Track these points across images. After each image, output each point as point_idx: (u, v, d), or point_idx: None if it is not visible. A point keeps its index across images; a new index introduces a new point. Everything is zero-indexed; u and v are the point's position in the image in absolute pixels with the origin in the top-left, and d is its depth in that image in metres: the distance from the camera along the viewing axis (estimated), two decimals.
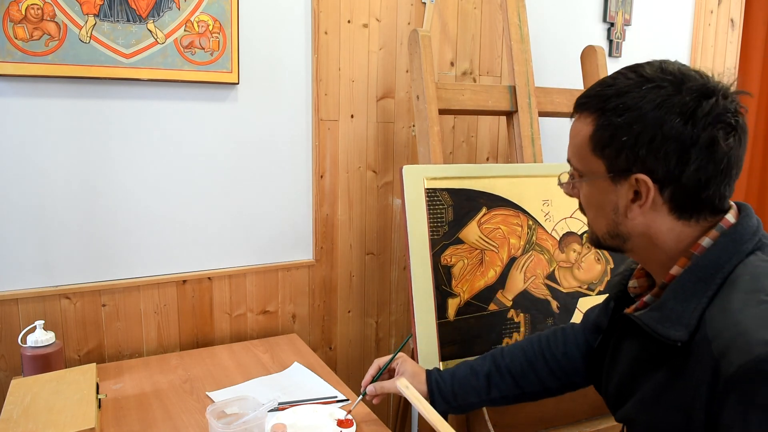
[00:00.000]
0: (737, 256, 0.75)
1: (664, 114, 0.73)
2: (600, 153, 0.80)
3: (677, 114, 0.73)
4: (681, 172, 0.74)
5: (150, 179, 1.47)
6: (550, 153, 2.01)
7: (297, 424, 1.15)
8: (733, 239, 0.76)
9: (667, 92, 0.74)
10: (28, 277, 1.37)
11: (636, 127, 0.75)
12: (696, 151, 0.73)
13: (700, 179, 0.74)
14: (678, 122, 0.72)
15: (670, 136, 0.73)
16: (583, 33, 2.09)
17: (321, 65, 1.63)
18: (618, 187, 0.79)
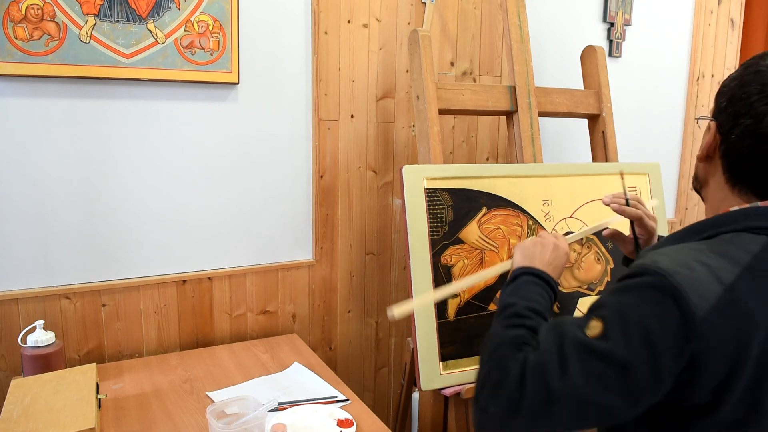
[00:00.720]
0: (735, 225, 0.79)
1: (752, 80, 0.78)
2: (716, 98, 0.86)
3: (759, 84, 0.78)
4: (731, 132, 0.79)
5: (150, 179, 1.47)
6: (550, 153, 2.01)
7: (297, 424, 1.16)
8: (746, 213, 0.79)
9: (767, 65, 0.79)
10: (28, 277, 1.37)
11: (734, 82, 0.81)
12: (747, 118, 0.77)
13: (741, 147, 0.79)
14: (753, 90, 0.78)
15: (740, 99, 0.79)
16: (583, 33, 2.09)
17: (321, 65, 1.63)
18: (710, 132, 0.85)
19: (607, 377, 0.70)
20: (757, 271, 0.73)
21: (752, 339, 0.70)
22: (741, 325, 0.70)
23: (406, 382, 1.64)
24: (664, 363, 0.69)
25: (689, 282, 0.70)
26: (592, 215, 1.53)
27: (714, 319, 0.69)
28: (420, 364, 1.29)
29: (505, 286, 0.98)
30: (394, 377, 1.92)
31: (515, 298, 0.92)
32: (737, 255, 0.74)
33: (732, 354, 0.69)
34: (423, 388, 1.31)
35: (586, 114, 1.77)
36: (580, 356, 0.72)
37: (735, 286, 0.71)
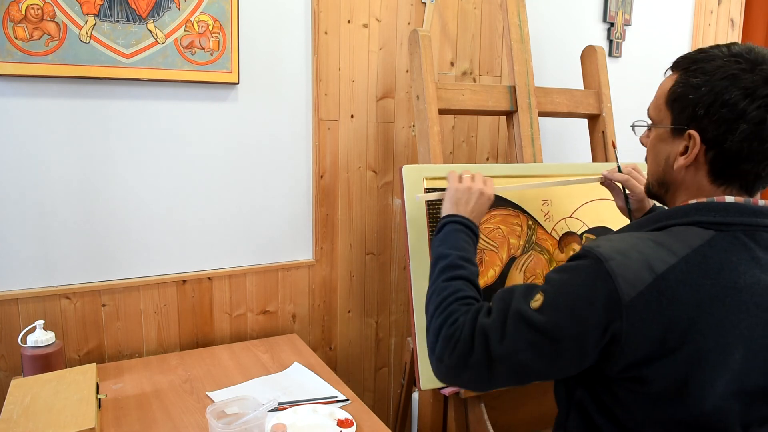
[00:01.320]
0: (683, 219, 0.84)
1: (730, 85, 0.80)
2: (670, 105, 0.88)
3: (740, 88, 0.80)
4: (725, 138, 0.81)
5: (150, 179, 1.47)
6: (550, 153, 2.01)
7: (297, 424, 1.16)
8: (697, 207, 0.84)
9: (740, 67, 0.80)
10: (28, 277, 1.37)
11: (704, 89, 0.82)
12: (744, 123, 0.79)
13: (741, 151, 0.81)
14: (738, 95, 0.79)
15: (726, 105, 0.80)
16: (583, 33, 2.09)
17: (321, 65, 1.63)
18: (674, 139, 0.87)
19: (539, 346, 0.80)
20: (693, 262, 0.78)
21: (676, 325, 0.76)
22: (666, 311, 0.76)
23: (406, 382, 1.64)
24: (588, 338, 0.78)
25: (621, 268, 0.77)
26: (592, 215, 1.53)
27: (638, 304, 0.76)
28: (420, 364, 1.29)
29: (435, 234, 1.10)
30: (394, 377, 1.92)
31: (447, 248, 1.03)
32: (677, 247, 0.80)
33: (654, 336, 0.76)
34: (423, 388, 1.31)
35: (586, 114, 1.77)
36: (518, 326, 0.82)
37: (666, 276, 0.77)
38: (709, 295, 0.77)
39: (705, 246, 0.79)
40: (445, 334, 0.89)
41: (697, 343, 0.76)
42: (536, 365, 0.82)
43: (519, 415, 1.48)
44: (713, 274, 0.78)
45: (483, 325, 0.85)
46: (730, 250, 0.80)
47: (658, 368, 0.77)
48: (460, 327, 0.88)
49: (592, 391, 0.86)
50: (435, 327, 0.92)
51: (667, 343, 0.76)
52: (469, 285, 0.98)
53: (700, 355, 0.76)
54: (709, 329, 0.76)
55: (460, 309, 0.91)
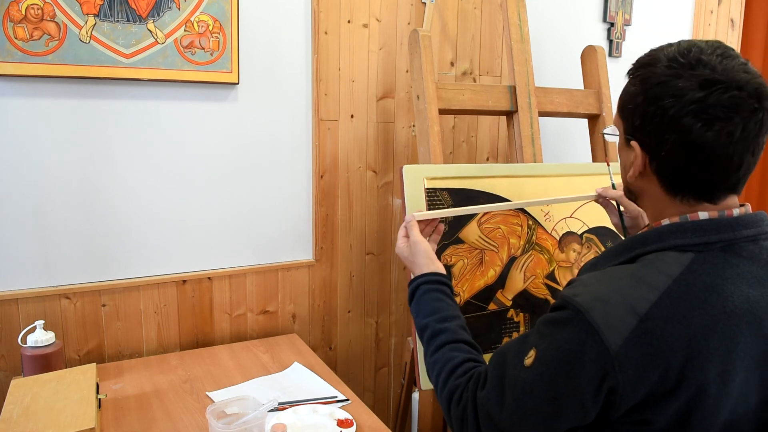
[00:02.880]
0: (659, 244, 0.79)
1: (661, 92, 0.76)
2: (621, 114, 0.85)
3: (670, 96, 0.75)
4: (660, 150, 0.78)
5: (150, 179, 1.47)
6: (550, 153, 2.01)
7: (297, 424, 1.15)
8: (670, 229, 0.79)
9: (673, 73, 0.76)
10: (28, 277, 1.37)
11: (639, 98, 0.79)
12: (672, 134, 0.76)
13: (675, 161, 0.78)
14: (668, 103, 0.75)
15: (656, 114, 0.77)
16: (583, 33, 2.09)
17: (321, 65, 1.63)
18: (627, 149, 0.84)
19: (539, 410, 0.78)
20: (677, 294, 0.74)
21: (671, 364, 0.72)
22: (658, 352, 0.72)
23: (406, 382, 1.64)
24: (584, 394, 0.75)
25: (603, 317, 0.73)
26: (592, 215, 1.53)
27: (628, 351, 0.72)
28: (420, 364, 1.29)
29: (410, 305, 1.07)
30: (394, 377, 1.92)
31: (423, 318, 1.02)
32: (657, 280, 0.75)
33: (651, 380, 0.73)
34: (423, 388, 1.31)
35: (586, 114, 1.77)
36: (515, 394, 0.79)
37: (650, 315, 0.73)
38: (701, 326, 0.72)
39: (686, 273, 0.75)
40: (454, 415, 0.88)
41: (696, 378, 0.72)
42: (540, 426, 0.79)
43: None
44: (700, 303, 0.73)
45: (482, 401, 0.83)
46: (712, 272, 0.75)
47: (659, 408, 0.74)
48: (464, 407, 0.86)
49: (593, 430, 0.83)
50: (444, 407, 0.92)
51: (666, 383, 0.73)
52: (455, 345, 0.96)
53: (701, 388, 0.73)
54: (707, 362, 0.72)
55: (460, 383, 0.89)
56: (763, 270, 0.77)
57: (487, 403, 0.82)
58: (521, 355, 0.81)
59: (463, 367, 0.92)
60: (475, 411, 0.84)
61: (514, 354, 0.83)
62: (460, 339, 0.97)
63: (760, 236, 0.79)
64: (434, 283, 1.06)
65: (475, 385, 0.86)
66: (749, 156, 0.76)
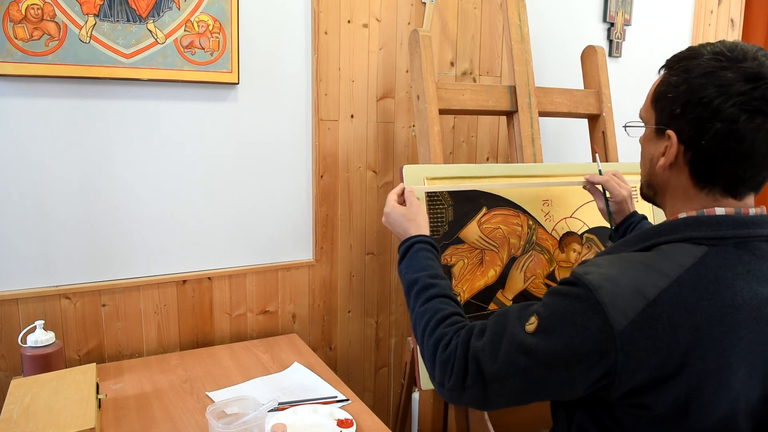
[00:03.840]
0: (674, 235, 0.81)
1: (706, 83, 0.78)
2: (655, 105, 0.86)
3: (716, 86, 0.77)
4: (700, 138, 0.79)
5: (150, 179, 1.47)
6: (550, 153, 2.01)
7: (297, 424, 1.15)
8: (686, 222, 0.81)
9: (719, 65, 0.78)
10: (28, 277, 1.37)
11: (681, 87, 0.80)
12: (716, 123, 0.77)
13: (715, 151, 0.79)
14: (713, 93, 0.77)
15: (701, 104, 0.78)
16: (583, 33, 2.09)
17: (321, 65, 1.63)
18: (658, 140, 0.86)
19: (529, 372, 0.79)
20: (687, 284, 0.75)
21: (674, 350, 0.74)
22: (661, 337, 0.73)
23: (406, 382, 1.64)
24: (578, 368, 0.77)
25: (611, 297, 0.75)
26: (592, 215, 1.53)
27: (632, 332, 0.74)
28: (420, 364, 1.29)
29: (399, 265, 1.09)
30: (394, 377, 1.92)
31: (413, 273, 1.03)
32: (668, 268, 0.77)
33: (652, 364, 0.74)
34: (423, 388, 1.31)
35: (586, 114, 1.77)
36: (510, 350, 0.80)
37: (658, 300, 0.74)
38: (706, 316, 0.74)
39: (698, 264, 0.76)
40: (440, 359, 0.88)
41: (696, 366, 0.74)
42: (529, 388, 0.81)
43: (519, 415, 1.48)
44: (709, 294, 0.75)
45: (475, 349, 0.84)
46: (724, 266, 0.77)
47: (658, 394, 0.75)
48: (453, 350, 0.87)
49: (593, 414, 0.84)
50: (428, 354, 0.92)
51: (667, 369, 0.74)
52: (446, 300, 0.97)
53: (701, 377, 0.74)
54: (709, 351, 0.74)
55: (448, 331, 0.90)
56: None
57: (481, 352, 0.83)
58: (523, 319, 0.82)
59: (452, 318, 0.94)
60: (465, 358, 0.85)
61: (516, 315, 0.84)
62: (449, 296, 0.99)
63: None
64: (429, 245, 1.09)
65: (468, 334, 0.87)
66: None
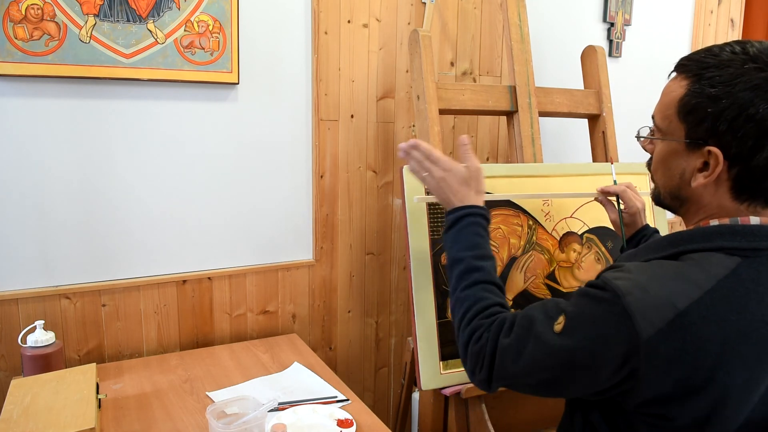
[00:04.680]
0: (705, 244, 0.79)
1: (755, 97, 0.73)
2: (683, 117, 0.81)
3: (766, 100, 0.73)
4: (753, 155, 0.75)
5: (150, 179, 1.47)
6: (550, 153, 2.01)
7: (297, 424, 1.15)
8: (719, 231, 0.79)
9: (765, 76, 0.74)
10: (28, 277, 1.37)
11: (725, 102, 0.75)
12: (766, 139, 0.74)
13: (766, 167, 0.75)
14: (766, 108, 0.73)
15: (753, 119, 0.74)
16: (583, 33, 2.09)
17: (321, 65, 1.63)
18: (690, 154, 0.81)
19: (553, 371, 0.80)
20: (719, 296, 0.73)
21: (701, 364, 0.72)
22: (689, 350, 0.72)
23: (406, 382, 1.64)
24: (602, 371, 0.77)
25: (639, 305, 0.73)
26: (593, 215, 1.53)
27: (658, 342, 0.72)
28: (420, 364, 1.29)
29: (445, 234, 1.05)
30: (394, 377, 1.92)
31: (459, 250, 1.01)
32: (701, 279, 0.74)
33: (677, 376, 0.73)
34: (423, 388, 1.31)
35: (586, 114, 1.77)
36: (535, 350, 0.81)
37: (688, 311, 0.72)
38: (736, 330, 0.72)
39: (731, 276, 0.74)
40: (471, 351, 0.91)
41: (723, 381, 0.72)
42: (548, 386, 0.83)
43: (520, 415, 1.48)
44: (739, 307, 0.73)
45: (503, 348, 0.86)
46: (757, 280, 0.74)
47: (680, 407, 0.74)
48: (484, 345, 0.89)
49: (609, 418, 0.84)
50: (463, 343, 0.94)
51: (693, 382, 0.72)
52: (489, 286, 0.97)
53: (726, 393, 0.73)
54: (736, 368, 0.72)
55: (484, 323, 0.92)
56: None
57: (507, 349, 0.85)
58: (551, 320, 0.82)
59: (491, 309, 0.94)
60: (492, 354, 0.87)
61: (544, 313, 0.84)
62: (493, 281, 0.99)
63: None
64: (480, 217, 1.04)
65: (498, 329, 0.88)
66: None
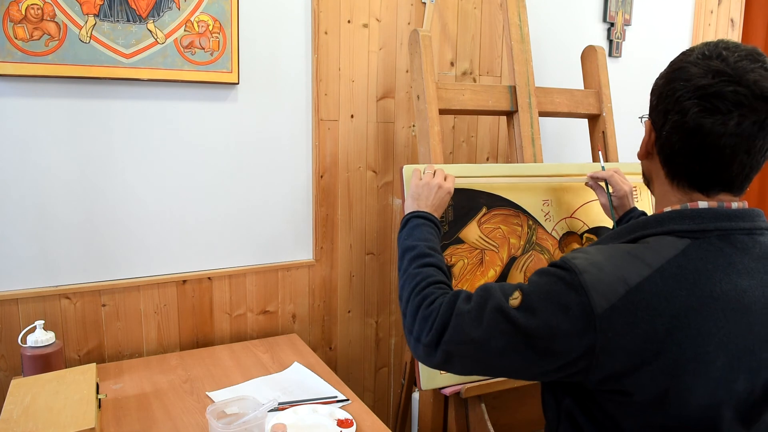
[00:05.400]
0: (658, 228, 0.83)
1: (678, 76, 0.81)
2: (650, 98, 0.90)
3: (683, 80, 0.80)
4: (663, 129, 0.83)
5: (150, 179, 1.47)
6: (550, 153, 2.01)
7: (297, 424, 1.16)
8: (670, 216, 0.83)
9: (692, 61, 0.81)
10: (28, 277, 1.37)
11: (661, 81, 0.85)
12: (673, 114, 0.81)
13: (671, 142, 0.82)
14: (679, 86, 0.80)
15: (667, 96, 0.82)
16: (583, 33, 2.09)
17: (321, 65, 1.63)
18: (648, 132, 0.89)
19: (512, 339, 0.82)
20: (668, 274, 0.77)
21: (652, 336, 0.75)
22: (641, 323, 0.75)
23: (406, 382, 1.64)
24: (558, 344, 0.79)
25: (594, 281, 0.78)
26: (592, 215, 1.53)
27: (612, 316, 0.76)
28: (420, 364, 1.29)
29: (401, 230, 1.14)
30: (394, 377, 1.92)
31: (413, 241, 1.08)
32: (651, 258, 0.79)
33: (630, 349, 0.76)
34: (423, 388, 1.31)
35: (586, 114, 1.77)
36: (495, 316, 0.83)
37: (639, 288, 0.76)
38: (685, 305, 0.76)
39: (680, 256, 0.78)
40: (422, 314, 0.91)
41: (673, 353, 0.75)
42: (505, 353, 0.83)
43: (519, 415, 1.48)
44: (689, 284, 0.77)
45: (461, 309, 0.87)
46: (705, 258, 0.78)
47: (637, 379, 0.77)
48: (437, 308, 0.90)
49: (580, 401, 0.86)
50: (412, 309, 0.95)
51: (644, 354, 0.76)
52: (439, 271, 1.01)
53: (678, 365, 0.75)
54: (686, 339, 0.75)
55: (436, 292, 0.94)
56: (754, 262, 0.80)
57: (467, 314, 0.86)
58: (507, 295, 0.85)
59: (441, 284, 0.98)
60: (447, 317, 0.87)
61: (500, 289, 0.87)
62: (443, 268, 1.03)
63: (755, 230, 0.82)
64: (432, 224, 1.14)
65: (455, 297, 0.90)
66: (743, 154, 0.78)
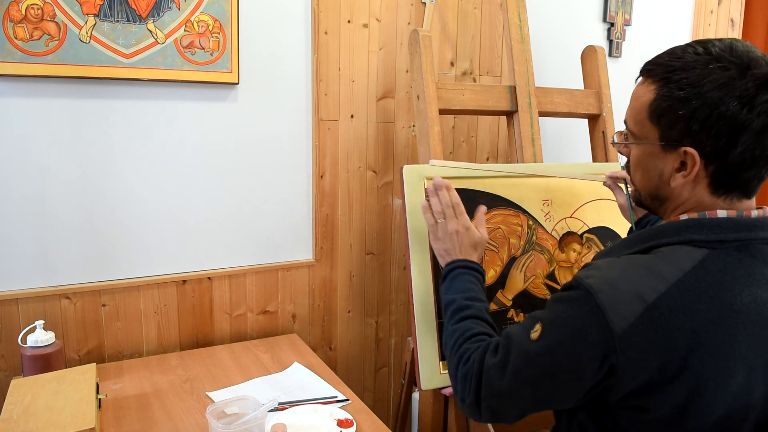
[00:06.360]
0: (674, 238, 0.81)
1: (724, 96, 0.76)
2: (656, 121, 0.83)
3: (736, 98, 0.75)
4: (727, 152, 0.78)
5: (150, 179, 1.47)
6: (550, 153, 2.01)
7: (297, 424, 1.16)
8: (688, 224, 0.81)
9: (730, 75, 0.76)
10: (28, 277, 1.37)
11: (694, 103, 0.77)
12: (746, 135, 0.76)
13: (744, 161, 0.78)
14: (735, 106, 0.75)
15: (724, 117, 0.76)
16: (583, 33, 2.09)
17: (321, 65, 1.63)
18: (666, 155, 0.83)
19: (538, 380, 0.81)
20: (686, 287, 0.76)
21: (673, 354, 0.74)
22: (661, 341, 0.74)
23: (406, 382, 1.64)
24: (584, 371, 0.78)
25: (611, 301, 0.76)
26: (593, 215, 1.53)
27: (631, 336, 0.75)
28: (420, 364, 1.29)
29: (441, 285, 1.13)
30: (394, 377, 1.92)
31: (452, 294, 1.07)
32: (667, 272, 0.77)
33: (651, 366, 0.75)
34: (423, 388, 1.31)
35: (586, 114, 1.77)
36: (518, 363, 0.83)
37: (657, 304, 0.75)
38: (705, 319, 0.74)
39: (698, 268, 0.76)
40: (461, 374, 0.92)
41: (695, 369, 0.74)
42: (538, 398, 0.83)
43: None
44: (708, 297, 0.75)
45: (488, 367, 0.87)
46: (724, 270, 0.77)
47: (657, 397, 0.76)
48: (471, 366, 0.90)
49: (595, 416, 0.85)
50: (452, 369, 0.96)
51: (666, 372, 0.75)
52: (477, 321, 1.00)
53: (699, 381, 0.74)
54: (708, 355, 0.74)
55: (471, 347, 0.94)
56: None
57: (492, 368, 0.86)
58: (528, 330, 0.84)
59: (478, 336, 0.97)
60: (479, 374, 0.88)
61: (521, 327, 0.87)
62: (482, 317, 1.02)
63: None
64: (472, 270, 1.11)
65: (484, 351, 0.90)
66: None
